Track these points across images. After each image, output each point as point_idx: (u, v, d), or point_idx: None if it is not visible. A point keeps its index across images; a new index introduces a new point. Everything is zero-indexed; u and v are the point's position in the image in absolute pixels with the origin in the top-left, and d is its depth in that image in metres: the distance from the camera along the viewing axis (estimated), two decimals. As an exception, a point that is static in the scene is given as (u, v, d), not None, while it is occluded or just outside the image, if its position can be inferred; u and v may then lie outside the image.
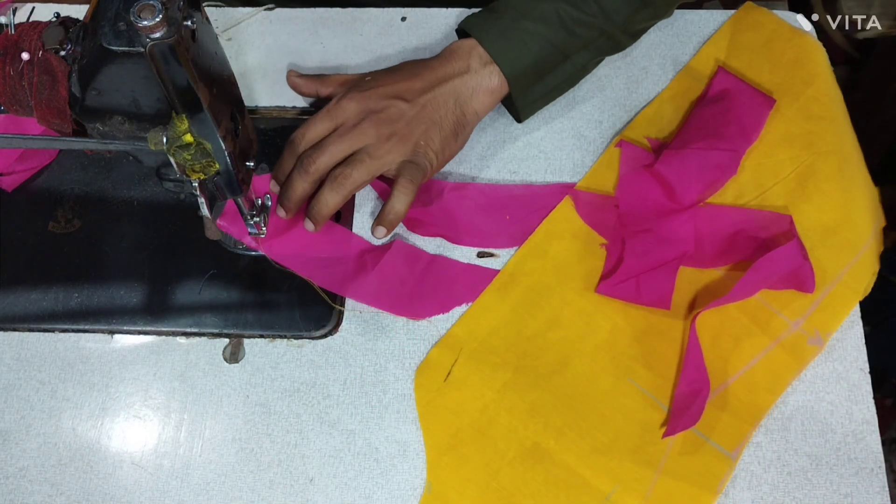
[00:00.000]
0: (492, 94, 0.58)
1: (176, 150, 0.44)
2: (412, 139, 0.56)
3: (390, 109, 0.55)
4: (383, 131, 0.55)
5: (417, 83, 0.57)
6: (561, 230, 0.59)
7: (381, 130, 0.55)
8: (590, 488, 0.51)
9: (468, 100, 0.57)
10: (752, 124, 0.59)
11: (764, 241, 0.56)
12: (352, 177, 0.54)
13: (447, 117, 0.57)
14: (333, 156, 0.55)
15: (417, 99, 0.56)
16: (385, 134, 0.55)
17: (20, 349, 0.57)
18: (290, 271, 0.57)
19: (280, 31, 0.68)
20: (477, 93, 0.57)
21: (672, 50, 0.65)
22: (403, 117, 0.56)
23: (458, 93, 0.57)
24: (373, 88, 0.56)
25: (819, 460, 0.52)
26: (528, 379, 0.54)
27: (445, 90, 0.57)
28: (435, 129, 0.56)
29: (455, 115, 0.57)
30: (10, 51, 0.45)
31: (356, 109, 0.56)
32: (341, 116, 0.56)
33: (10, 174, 0.61)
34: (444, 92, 0.57)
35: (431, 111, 0.56)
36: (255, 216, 0.55)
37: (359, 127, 0.55)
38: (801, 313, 0.55)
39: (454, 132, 0.58)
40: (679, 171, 0.57)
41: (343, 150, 0.55)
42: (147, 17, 0.37)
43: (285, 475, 0.53)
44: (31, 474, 0.53)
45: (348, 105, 0.56)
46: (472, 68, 0.57)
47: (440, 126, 0.57)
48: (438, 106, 0.57)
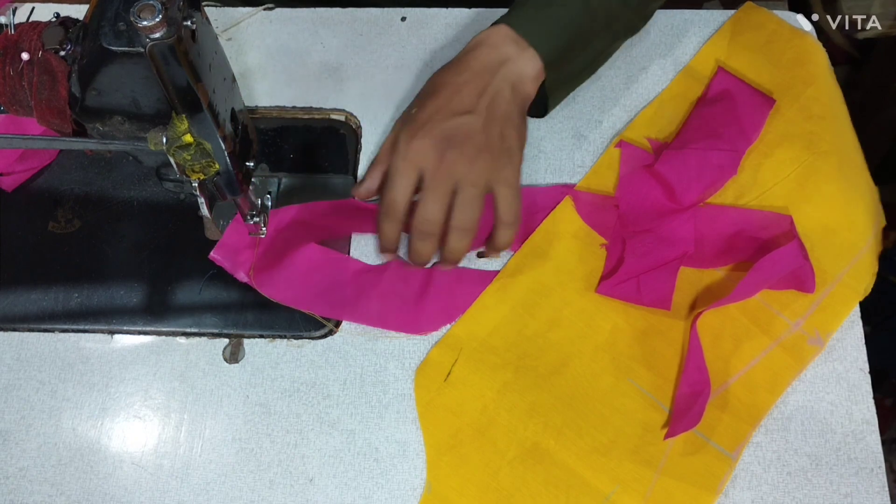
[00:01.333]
0: (535, 80, 0.56)
1: (176, 150, 0.44)
2: (495, 146, 0.53)
3: (462, 129, 0.53)
4: (470, 153, 0.52)
5: (467, 90, 0.54)
6: (561, 230, 0.59)
7: (467, 154, 0.52)
8: (590, 488, 0.51)
9: (521, 85, 0.55)
10: (752, 124, 0.59)
11: (764, 241, 0.56)
12: (472, 218, 0.53)
13: (512, 109, 0.55)
14: (442, 203, 0.52)
15: (478, 105, 0.53)
16: (473, 155, 0.52)
17: (20, 349, 0.57)
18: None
19: (280, 31, 0.68)
20: (525, 78, 0.55)
21: (672, 50, 0.65)
22: (477, 130, 0.53)
23: (510, 81, 0.55)
24: (431, 119, 0.53)
25: (819, 460, 0.52)
26: (528, 379, 0.54)
27: (499, 83, 0.54)
28: (508, 125, 0.54)
29: (517, 104, 0.55)
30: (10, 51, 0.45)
31: (430, 146, 0.52)
32: (420, 161, 0.52)
33: (10, 174, 0.61)
34: (498, 86, 0.54)
35: (496, 110, 0.54)
36: (255, 216, 0.55)
37: (445, 163, 0.52)
38: (801, 313, 0.55)
39: (522, 119, 0.56)
40: (679, 171, 0.57)
41: (446, 195, 0.52)
42: (147, 17, 0.37)
43: (285, 475, 0.53)
44: (31, 474, 0.53)
45: (420, 145, 0.52)
46: (513, 55, 0.55)
47: (510, 121, 0.54)
48: (500, 103, 0.54)
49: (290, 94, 0.65)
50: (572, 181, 0.61)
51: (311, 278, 0.57)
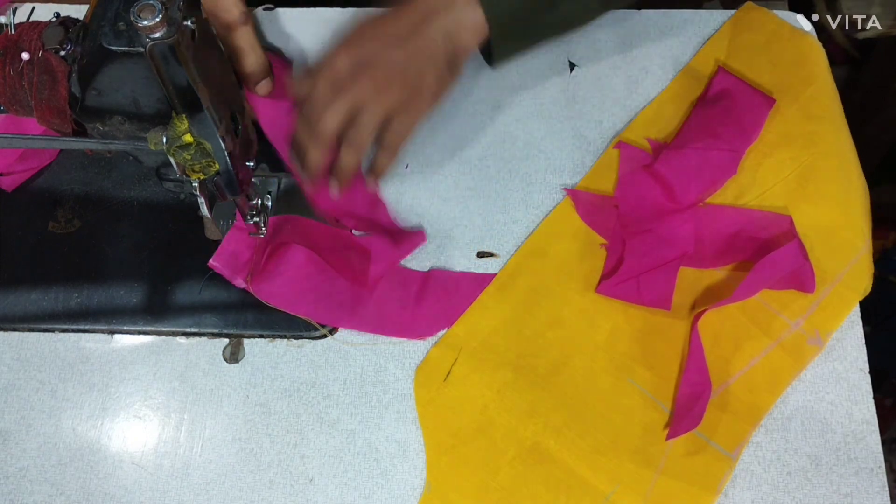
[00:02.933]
0: (476, 32, 0.56)
1: (176, 150, 0.44)
2: (408, 83, 0.54)
3: (381, 56, 0.54)
4: (380, 81, 0.53)
5: (403, 22, 0.55)
6: (561, 230, 0.59)
7: (377, 81, 0.53)
8: (589, 488, 0.51)
9: (456, 34, 0.55)
10: (752, 124, 0.59)
11: (764, 241, 0.56)
12: (362, 137, 0.54)
13: (439, 54, 0.55)
14: (338, 114, 0.53)
15: (407, 39, 0.54)
16: (381, 84, 0.53)
17: (20, 349, 0.57)
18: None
19: (280, 31, 0.68)
20: (463, 28, 0.55)
21: (672, 50, 0.65)
22: (396, 61, 0.54)
23: (445, 28, 0.55)
24: (360, 38, 0.55)
25: (819, 460, 0.52)
26: (528, 379, 0.54)
27: (434, 25, 0.55)
28: (429, 67, 0.55)
29: (447, 51, 0.55)
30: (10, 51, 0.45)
31: (347, 63, 0.54)
32: (334, 75, 0.54)
33: (10, 174, 0.61)
34: (432, 28, 0.55)
35: (423, 49, 0.55)
36: (255, 216, 0.55)
37: (355, 83, 0.53)
38: (800, 313, 0.55)
39: (448, 68, 0.56)
40: (679, 170, 0.57)
41: (347, 111, 0.54)
42: (147, 17, 0.37)
43: (285, 475, 0.53)
44: (31, 474, 0.53)
45: (338, 61, 0.54)
46: (457, 4, 0.55)
47: (434, 64, 0.55)
48: (429, 43, 0.55)
49: (290, 94, 0.65)
50: (572, 181, 0.61)
51: (309, 284, 0.57)
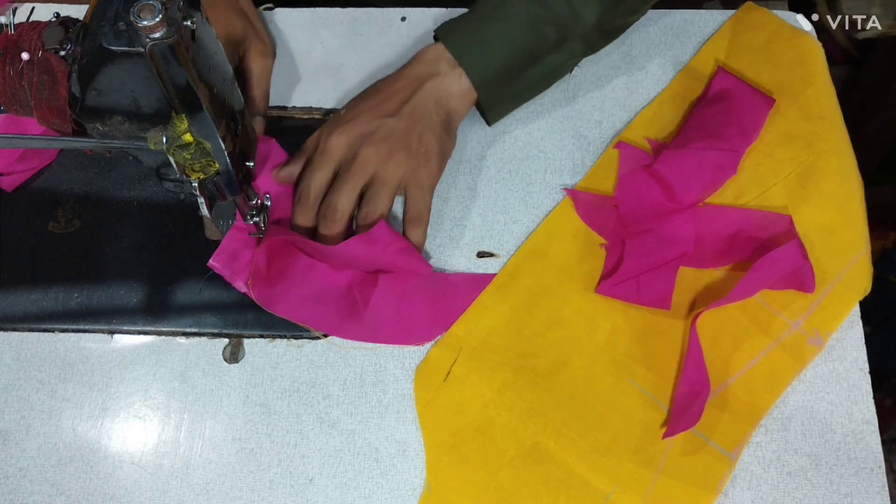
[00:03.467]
0: (463, 97, 0.58)
1: (176, 149, 0.44)
2: (412, 148, 0.56)
3: (380, 129, 0.56)
4: (383, 151, 0.55)
5: (394, 96, 0.57)
6: (561, 230, 0.59)
7: (381, 152, 0.55)
8: (589, 488, 0.51)
9: (446, 100, 0.57)
10: (752, 124, 0.59)
11: (764, 241, 0.56)
12: (377, 212, 0.55)
13: (433, 117, 0.57)
14: (351, 196, 0.55)
15: (401, 110, 0.56)
16: (386, 153, 0.55)
17: (20, 349, 0.57)
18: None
19: (280, 31, 0.68)
20: (451, 95, 0.58)
21: (672, 50, 0.65)
22: (395, 131, 0.56)
23: (435, 94, 0.57)
24: (354, 117, 0.57)
25: (819, 460, 0.52)
26: (527, 379, 0.54)
27: (423, 94, 0.57)
28: (427, 130, 0.56)
29: (440, 115, 0.57)
30: (10, 51, 0.45)
31: (347, 142, 0.56)
32: (337, 155, 0.56)
33: (10, 174, 0.61)
34: (422, 95, 0.57)
35: (418, 116, 0.56)
36: (255, 216, 0.55)
37: (359, 157, 0.55)
38: (800, 313, 0.55)
39: (445, 129, 0.58)
40: (678, 170, 0.57)
41: (357, 187, 0.55)
42: (147, 17, 0.37)
43: (285, 475, 0.53)
44: (31, 474, 0.53)
45: (338, 141, 0.56)
46: (442, 72, 0.57)
47: (431, 126, 0.56)
48: (422, 109, 0.57)
49: (289, 94, 0.65)
50: (572, 181, 0.61)
51: (309, 291, 0.56)
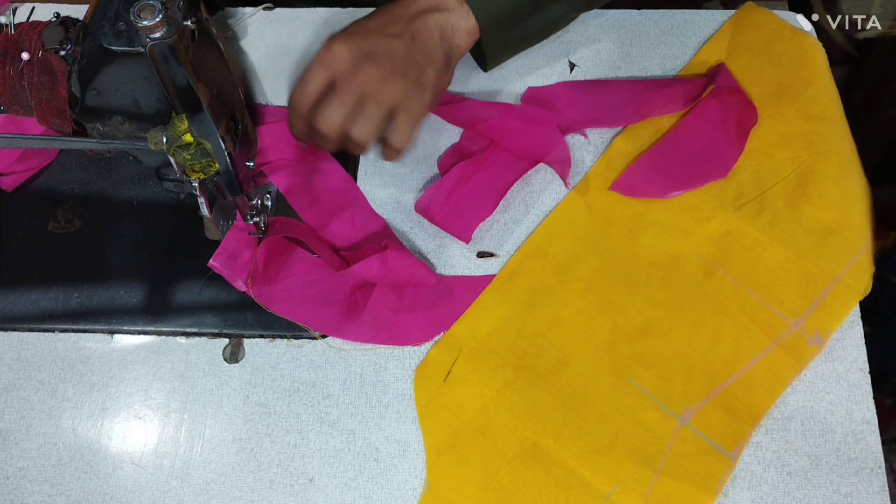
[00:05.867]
0: (468, 35, 0.57)
1: (176, 150, 0.44)
2: (411, 74, 0.54)
3: (384, 49, 0.54)
4: (385, 72, 0.53)
5: (400, 21, 0.55)
6: (561, 230, 0.59)
7: (382, 71, 0.53)
8: (589, 488, 0.51)
9: (450, 34, 0.56)
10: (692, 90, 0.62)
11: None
12: (369, 134, 0.54)
13: (437, 50, 0.56)
14: (343, 109, 0.53)
15: (406, 32, 0.55)
16: (385, 76, 0.53)
17: (20, 349, 0.57)
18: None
19: (280, 31, 0.68)
20: (457, 31, 0.57)
21: (672, 50, 0.65)
22: (398, 54, 0.54)
23: (441, 27, 0.56)
24: (360, 32, 0.55)
25: (819, 460, 0.52)
26: (527, 379, 0.54)
27: (430, 23, 0.56)
28: (429, 62, 0.55)
29: (443, 48, 0.56)
30: (10, 51, 0.45)
31: (349, 54, 0.54)
32: (336, 65, 0.53)
33: (10, 174, 0.61)
34: (429, 25, 0.56)
35: (422, 45, 0.55)
36: (255, 216, 0.55)
37: (358, 73, 0.53)
38: (800, 313, 0.55)
39: (445, 66, 0.56)
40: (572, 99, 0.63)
41: (350, 102, 0.53)
42: (147, 17, 0.37)
43: (285, 475, 0.53)
44: (31, 474, 0.53)
45: (340, 51, 0.54)
46: (450, 7, 0.56)
47: (433, 60, 0.55)
48: (427, 38, 0.55)
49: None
50: (572, 181, 0.61)
51: (310, 292, 0.56)
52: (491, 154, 0.60)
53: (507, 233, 0.59)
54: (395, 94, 0.53)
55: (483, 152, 0.60)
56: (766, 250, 0.57)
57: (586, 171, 0.61)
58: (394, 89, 0.53)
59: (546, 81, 0.64)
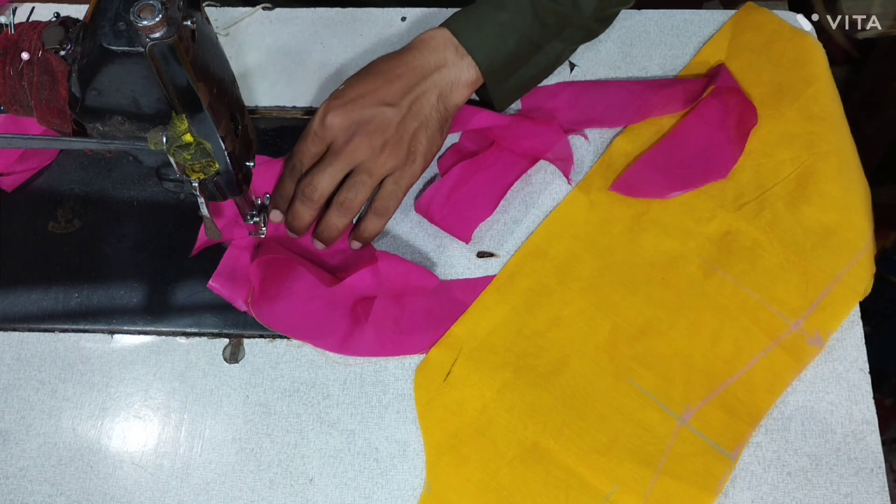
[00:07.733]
0: (469, 86, 0.58)
1: (176, 150, 0.44)
2: (404, 145, 0.55)
3: (377, 118, 0.55)
4: (376, 143, 0.55)
5: (398, 84, 0.56)
6: (561, 230, 0.59)
7: (373, 143, 0.55)
8: (589, 488, 0.51)
9: (449, 94, 0.57)
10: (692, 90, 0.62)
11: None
12: (357, 200, 0.55)
13: (432, 115, 0.57)
14: (333, 178, 0.55)
15: (402, 101, 0.55)
16: (378, 146, 0.55)
17: (20, 349, 0.57)
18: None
19: (280, 31, 0.68)
20: (456, 86, 0.57)
21: (672, 50, 0.65)
22: (391, 123, 0.55)
23: (439, 88, 0.57)
24: (355, 100, 0.55)
25: (819, 460, 0.52)
26: (527, 379, 0.54)
27: (427, 87, 0.56)
28: (422, 129, 0.56)
29: (439, 112, 0.57)
30: (10, 51, 0.45)
31: (342, 125, 0.55)
32: (330, 135, 0.55)
33: (10, 174, 0.61)
34: (426, 89, 0.56)
35: (417, 112, 0.56)
36: (255, 216, 0.55)
37: (351, 143, 0.55)
38: (800, 313, 0.55)
39: (440, 129, 0.57)
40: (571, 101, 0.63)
41: (341, 171, 0.55)
42: (147, 17, 0.37)
43: (285, 475, 0.53)
44: (31, 474, 0.53)
45: (333, 121, 0.55)
46: (450, 61, 0.57)
47: (427, 126, 0.56)
48: (423, 105, 0.56)
49: (290, 94, 0.65)
50: (573, 181, 0.61)
51: (311, 309, 0.56)
52: (491, 154, 0.60)
53: (507, 233, 0.59)
54: (386, 164, 0.55)
55: (483, 152, 0.60)
56: (766, 250, 0.57)
57: (586, 171, 0.61)
58: (385, 160, 0.55)
59: (545, 81, 0.64)
